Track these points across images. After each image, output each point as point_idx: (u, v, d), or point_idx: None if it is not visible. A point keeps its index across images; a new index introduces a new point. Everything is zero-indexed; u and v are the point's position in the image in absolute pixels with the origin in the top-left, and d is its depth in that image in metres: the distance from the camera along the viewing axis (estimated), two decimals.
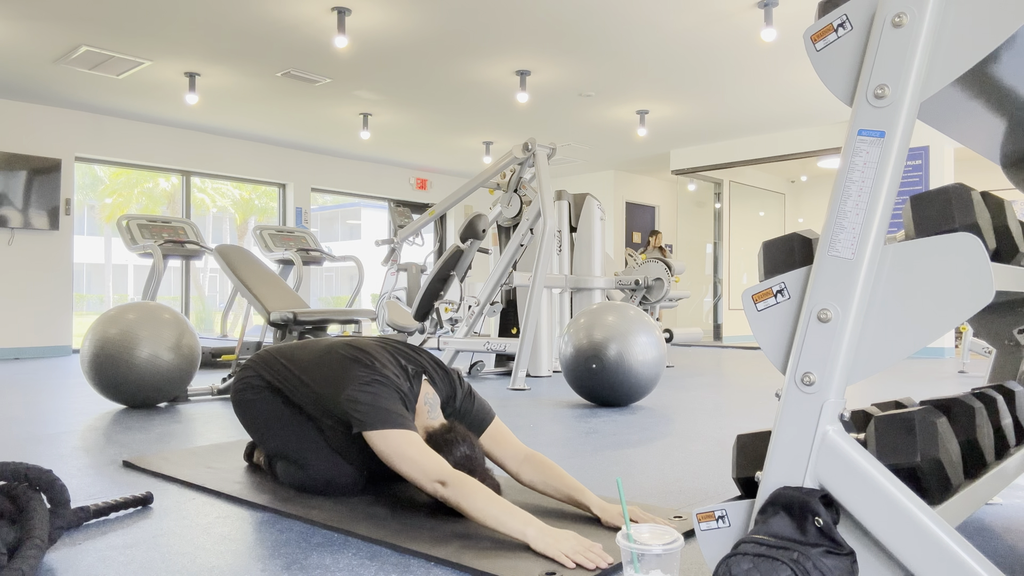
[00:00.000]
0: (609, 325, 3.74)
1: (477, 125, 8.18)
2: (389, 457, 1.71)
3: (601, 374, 3.66)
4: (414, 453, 1.69)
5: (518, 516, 1.54)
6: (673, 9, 5.06)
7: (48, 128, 7.29)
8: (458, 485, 1.61)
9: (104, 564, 1.46)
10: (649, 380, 3.73)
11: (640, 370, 3.66)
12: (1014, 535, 1.66)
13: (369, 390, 1.79)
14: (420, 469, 1.67)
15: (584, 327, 3.79)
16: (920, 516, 0.99)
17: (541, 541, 1.48)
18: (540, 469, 1.86)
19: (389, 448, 1.71)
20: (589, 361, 3.68)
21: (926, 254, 1.05)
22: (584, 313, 3.90)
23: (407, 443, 1.71)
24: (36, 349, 7.22)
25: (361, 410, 1.76)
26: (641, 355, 3.65)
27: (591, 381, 3.72)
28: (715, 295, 10.97)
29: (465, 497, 1.59)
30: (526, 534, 1.50)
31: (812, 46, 1.16)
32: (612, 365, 3.65)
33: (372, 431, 1.73)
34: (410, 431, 1.74)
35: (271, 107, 7.40)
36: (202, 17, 5.13)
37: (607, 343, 3.66)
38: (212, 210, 16.25)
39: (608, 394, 3.72)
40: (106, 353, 3.53)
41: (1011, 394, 1.60)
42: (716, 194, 10.50)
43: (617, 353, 3.63)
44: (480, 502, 1.58)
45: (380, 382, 1.82)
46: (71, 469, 2.31)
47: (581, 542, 1.48)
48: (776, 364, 1.14)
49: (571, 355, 3.79)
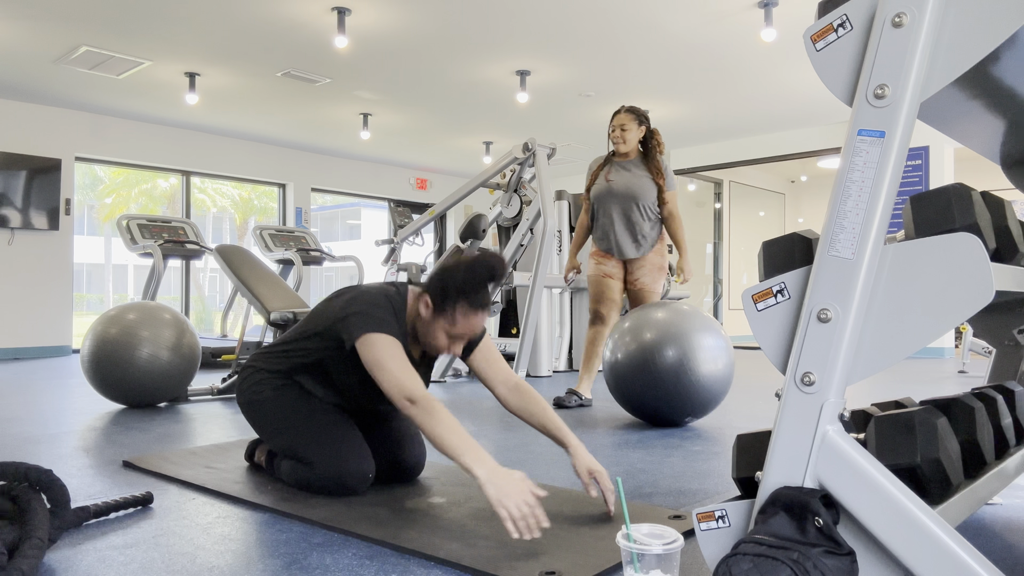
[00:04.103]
0: (660, 323, 3.12)
1: (477, 125, 8.18)
2: (371, 366, 1.79)
3: (652, 384, 3.04)
4: (394, 366, 1.76)
5: (472, 452, 1.59)
6: (673, 9, 5.06)
7: (48, 128, 7.28)
8: (426, 406, 1.68)
9: (104, 564, 1.46)
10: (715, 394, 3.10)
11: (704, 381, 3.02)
12: (1014, 535, 1.66)
13: (361, 305, 1.87)
14: (396, 383, 1.73)
15: (630, 329, 3.19)
16: (920, 516, 0.99)
17: (490, 486, 1.51)
18: (526, 399, 1.96)
19: (372, 354, 1.79)
20: (639, 369, 3.07)
21: (926, 254, 1.05)
22: (630, 316, 3.32)
23: (389, 354, 1.78)
24: (36, 349, 7.22)
25: (352, 321, 1.84)
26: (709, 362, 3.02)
27: (642, 393, 3.10)
28: (715, 295, 10.96)
29: (429, 419, 1.66)
30: (475, 472, 1.54)
31: (812, 46, 1.16)
32: (670, 372, 3.00)
33: (360, 338, 1.80)
34: (395, 340, 1.81)
35: (271, 107, 7.39)
36: (202, 17, 5.13)
37: (663, 345, 3.04)
38: (212, 210, 16.26)
39: (663, 409, 3.10)
40: (106, 353, 3.53)
41: (1011, 394, 1.60)
42: (716, 194, 10.50)
43: (676, 358, 3.00)
44: (441, 428, 1.64)
45: (372, 302, 1.89)
46: (71, 469, 2.31)
47: (526, 497, 1.51)
48: (776, 364, 1.14)
49: (615, 363, 3.21)
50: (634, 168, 3.71)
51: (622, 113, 3.74)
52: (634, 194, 3.66)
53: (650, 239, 3.71)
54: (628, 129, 3.69)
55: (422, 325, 1.93)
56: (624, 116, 3.73)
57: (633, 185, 3.67)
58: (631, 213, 3.67)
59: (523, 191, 5.59)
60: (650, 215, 3.69)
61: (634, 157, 3.74)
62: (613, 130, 3.74)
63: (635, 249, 3.71)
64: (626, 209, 3.68)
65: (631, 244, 3.70)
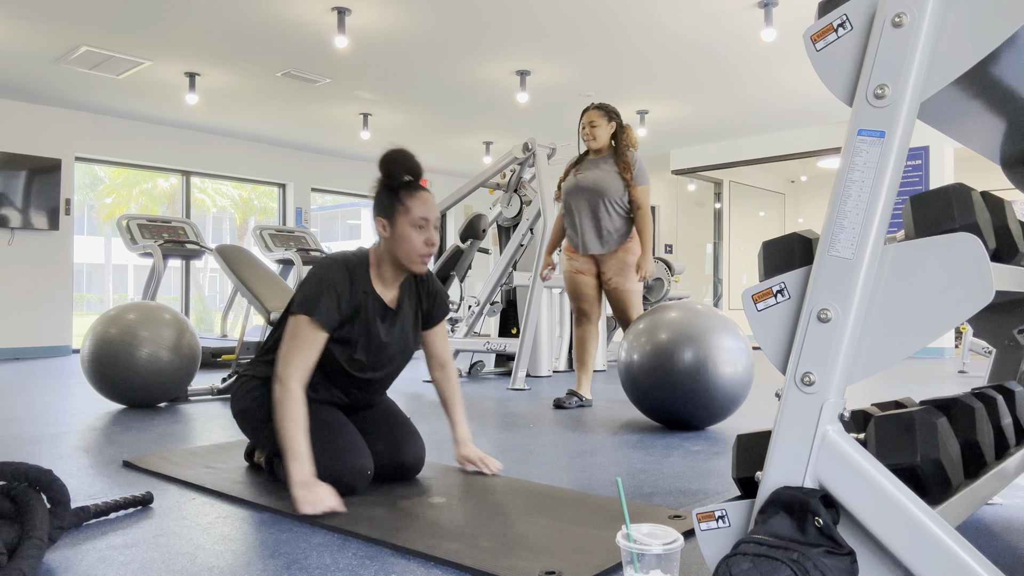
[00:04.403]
0: (674, 323, 3.03)
1: (477, 125, 8.18)
2: (283, 341, 1.93)
3: (671, 386, 2.97)
4: (292, 344, 1.90)
5: (300, 456, 1.81)
6: (673, 9, 5.06)
7: (48, 128, 7.28)
8: (287, 394, 1.85)
9: (104, 564, 1.46)
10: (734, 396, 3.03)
11: (723, 382, 2.94)
12: (1014, 535, 1.66)
13: (306, 285, 1.96)
14: (283, 359, 1.89)
15: (644, 330, 3.12)
16: (920, 516, 0.99)
17: (299, 488, 1.77)
18: (445, 378, 2.25)
19: (287, 332, 1.93)
20: (655, 370, 2.99)
21: (926, 254, 1.05)
22: (646, 316, 3.23)
23: (296, 333, 1.91)
24: (36, 349, 7.22)
25: (294, 301, 1.95)
26: (728, 364, 2.96)
27: (660, 395, 3.02)
28: (715, 295, 10.96)
29: (284, 407, 1.84)
30: (292, 472, 1.79)
31: (812, 46, 1.16)
32: (688, 373, 2.93)
33: (292, 317, 1.93)
34: (313, 321, 1.90)
35: (271, 107, 7.40)
36: (202, 17, 5.13)
37: (682, 346, 2.96)
38: (212, 210, 16.26)
39: (682, 412, 3.02)
40: (106, 353, 3.53)
41: (1011, 394, 1.60)
42: (716, 194, 10.50)
43: (696, 358, 2.93)
44: (289, 421, 1.82)
45: (319, 277, 1.97)
46: (71, 469, 2.31)
47: (329, 504, 1.74)
48: (776, 364, 1.14)
49: (629, 364, 3.13)
50: (603, 164, 3.69)
51: (591, 110, 3.72)
52: (600, 189, 3.63)
53: (617, 235, 3.66)
54: (597, 126, 3.68)
55: (392, 243, 2.01)
56: (593, 113, 3.71)
57: (600, 180, 3.65)
58: (597, 209, 3.64)
59: (523, 191, 5.59)
60: (618, 211, 3.65)
61: (606, 154, 3.72)
62: (583, 127, 3.73)
63: (599, 245, 3.67)
64: (592, 204, 3.65)
65: (595, 239, 3.67)
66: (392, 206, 1.98)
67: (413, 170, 2.01)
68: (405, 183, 2.00)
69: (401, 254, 2.01)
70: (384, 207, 2.00)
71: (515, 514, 1.77)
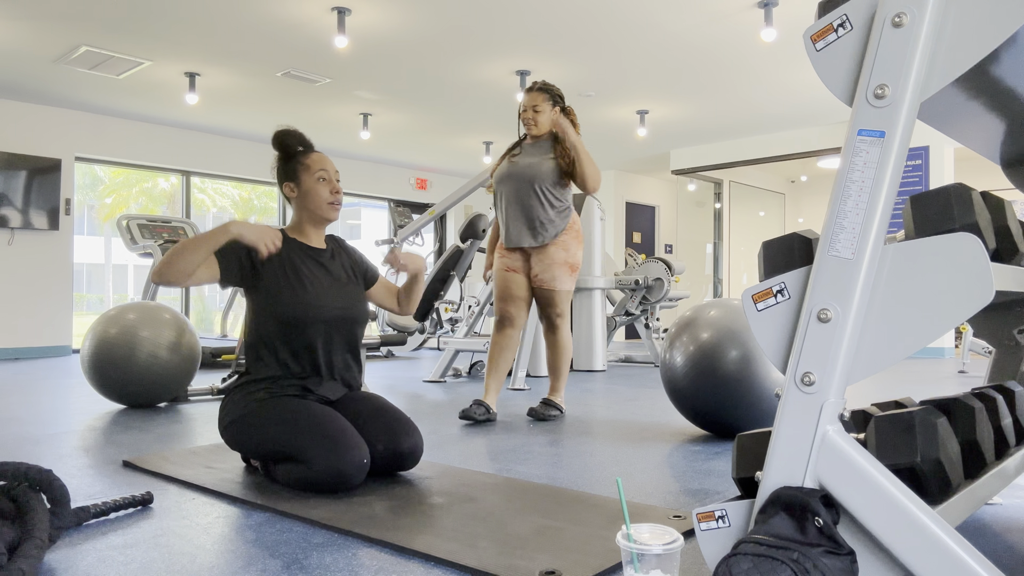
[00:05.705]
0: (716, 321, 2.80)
1: (477, 125, 8.18)
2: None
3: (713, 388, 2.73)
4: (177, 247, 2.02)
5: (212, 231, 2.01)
6: (673, 9, 5.06)
7: (48, 128, 7.28)
8: (164, 257, 2.00)
9: (104, 564, 1.46)
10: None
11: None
12: (1014, 535, 1.66)
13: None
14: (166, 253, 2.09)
15: (685, 326, 2.90)
16: (920, 516, 0.99)
17: (234, 226, 2.02)
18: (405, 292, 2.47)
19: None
20: (701, 373, 2.75)
21: (926, 254, 1.05)
22: (684, 317, 3.00)
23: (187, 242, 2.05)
24: (36, 349, 7.22)
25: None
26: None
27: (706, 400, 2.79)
28: (715, 295, 10.96)
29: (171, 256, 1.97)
30: (225, 228, 2.01)
31: (812, 46, 1.16)
32: (732, 375, 2.69)
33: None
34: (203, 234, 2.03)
35: (271, 107, 7.40)
36: (202, 17, 5.13)
37: (725, 345, 2.72)
38: (212, 210, 16.26)
39: (727, 418, 2.78)
40: (106, 353, 3.53)
41: (1011, 394, 1.60)
42: (716, 194, 10.49)
43: (740, 357, 2.69)
44: (180, 247, 1.98)
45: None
46: (71, 469, 2.31)
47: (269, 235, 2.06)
48: (776, 364, 1.14)
49: (672, 367, 2.88)
50: (539, 149, 3.33)
51: (535, 92, 3.32)
52: (531, 175, 3.25)
53: (551, 228, 3.26)
54: (541, 110, 3.29)
55: (303, 199, 2.27)
56: (537, 95, 3.31)
57: (533, 166, 3.27)
58: (527, 196, 3.26)
59: None
60: (551, 200, 3.26)
61: (547, 139, 3.34)
62: (525, 110, 3.32)
63: (531, 237, 3.28)
64: (521, 192, 3.27)
65: (526, 231, 3.28)
66: (294, 169, 2.27)
67: (304, 142, 2.31)
68: (300, 151, 2.29)
69: (313, 206, 2.26)
70: (287, 172, 2.28)
71: (515, 514, 1.77)
